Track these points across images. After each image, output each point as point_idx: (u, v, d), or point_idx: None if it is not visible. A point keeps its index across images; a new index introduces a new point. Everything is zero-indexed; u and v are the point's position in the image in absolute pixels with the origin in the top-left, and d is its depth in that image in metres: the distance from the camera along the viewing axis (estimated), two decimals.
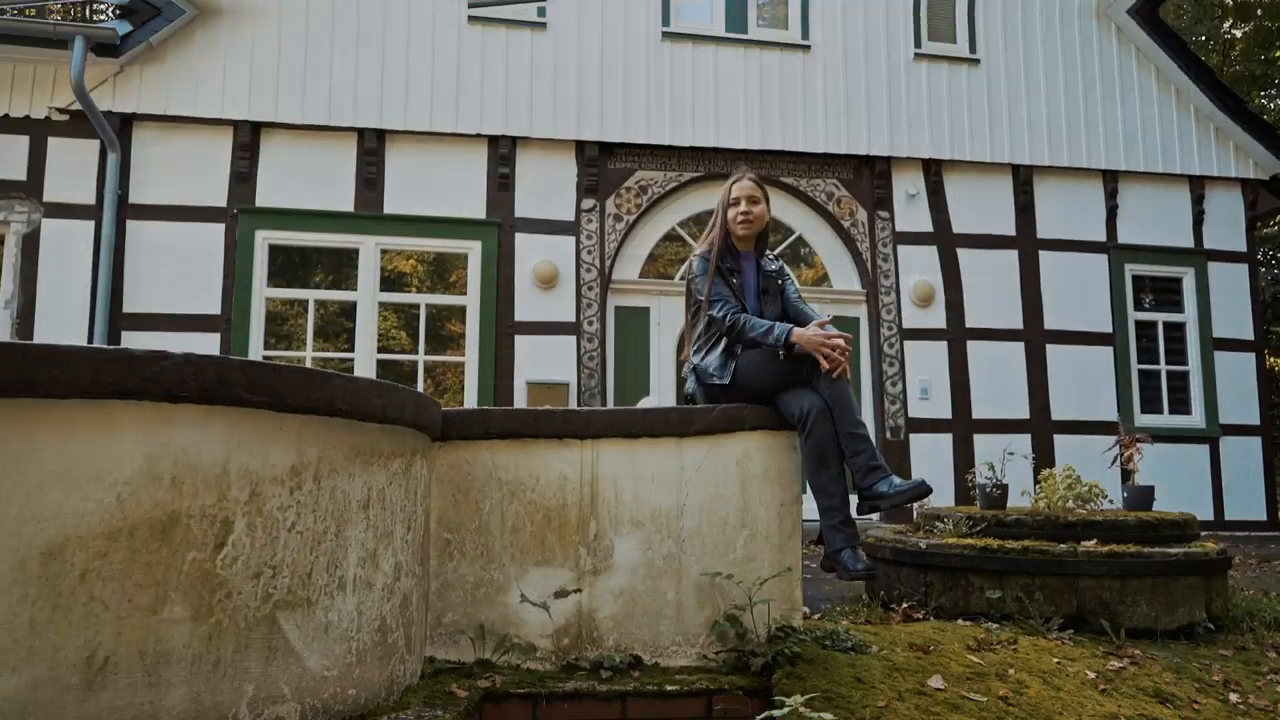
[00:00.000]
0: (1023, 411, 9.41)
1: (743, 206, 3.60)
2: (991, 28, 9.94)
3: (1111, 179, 9.96)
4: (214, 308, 8.13)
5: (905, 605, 3.96)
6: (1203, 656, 3.60)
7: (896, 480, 3.11)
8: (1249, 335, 10.07)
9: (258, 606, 2.12)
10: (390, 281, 8.76)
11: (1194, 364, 9.92)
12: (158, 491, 1.97)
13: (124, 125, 8.10)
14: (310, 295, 8.43)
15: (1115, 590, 3.67)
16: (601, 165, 9.01)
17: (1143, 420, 9.50)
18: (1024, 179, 9.75)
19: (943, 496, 8.55)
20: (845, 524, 3.19)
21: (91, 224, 7.93)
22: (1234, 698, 3.25)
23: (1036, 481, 4.62)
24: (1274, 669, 3.56)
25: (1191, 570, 3.75)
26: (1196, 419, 9.78)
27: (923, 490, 3.07)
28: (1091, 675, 3.24)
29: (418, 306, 8.75)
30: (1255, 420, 9.89)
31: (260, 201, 8.31)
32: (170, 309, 8.04)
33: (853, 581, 3.98)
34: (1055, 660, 3.34)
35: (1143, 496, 4.40)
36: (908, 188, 9.59)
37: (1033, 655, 3.37)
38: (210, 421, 2.05)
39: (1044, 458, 9.12)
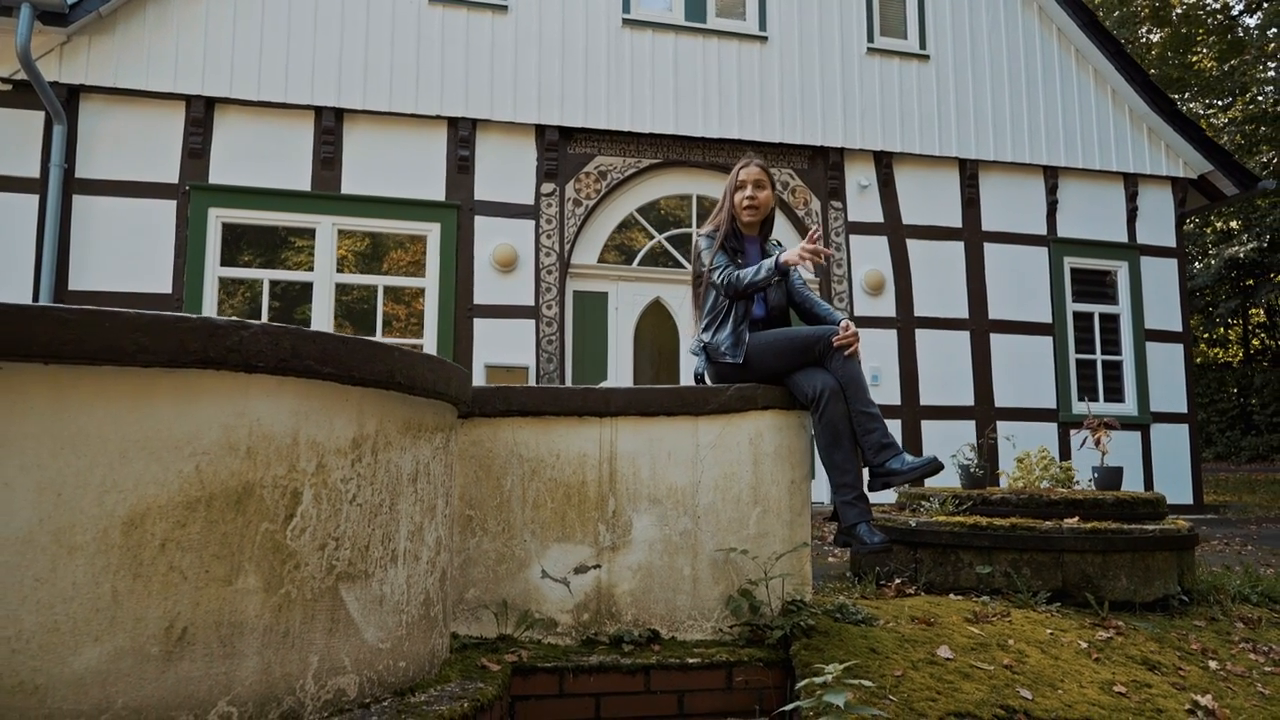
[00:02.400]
0: (968, 399, 9.70)
1: (749, 191, 3.65)
2: (941, 25, 10.19)
3: (1052, 175, 10.31)
4: (164, 286, 7.90)
5: (898, 581, 4.09)
6: (1179, 627, 3.79)
7: (908, 458, 3.20)
8: (1178, 327, 10.53)
9: (322, 578, 2.11)
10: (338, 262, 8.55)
11: (1127, 354, 10.33)
12: (234, 462, 1.95)
13: (71, 97, 7.80)
14: (265, 275, 8.23)
15: (1098, 565, 3.84)
16: (561, 150, 8.99)
17: (1079, 408, 9.87)
18: (970, 173, 10.04)
19: None
20: (859, 499, 3.27)
21: (35, 198, 7.62)
22: (1213, 665, 3.44)
23: (1018, 461, 4.80)
24: (1244, 638, 3.78)
25: (1167, 545, 3.95)
26: (1130, 407, 10.19)
27: (934, 467, 3.17)
28: (1084, 645, 3.40)
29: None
30: (1183, 409, 10.37)
31: (214, 179, 8.08)
32: (118, 287, 7.77)
33: (870, 555, 4.10)
34: (1048, 631, 3.49)
35: (1113, 477, 4.60)
36: (860, 179, 9.79)
37: (1027, 627, 3.52)
38: (282, 392, 2.04)
39: (988, 443, 9.41)
